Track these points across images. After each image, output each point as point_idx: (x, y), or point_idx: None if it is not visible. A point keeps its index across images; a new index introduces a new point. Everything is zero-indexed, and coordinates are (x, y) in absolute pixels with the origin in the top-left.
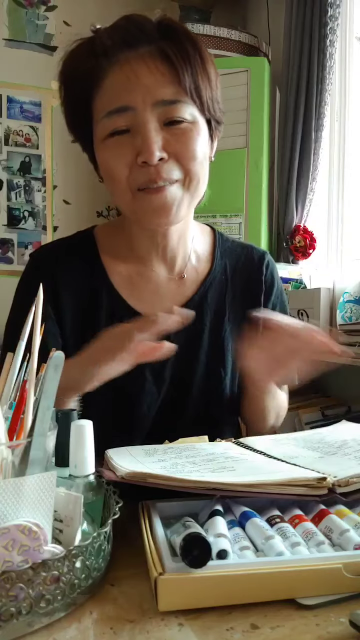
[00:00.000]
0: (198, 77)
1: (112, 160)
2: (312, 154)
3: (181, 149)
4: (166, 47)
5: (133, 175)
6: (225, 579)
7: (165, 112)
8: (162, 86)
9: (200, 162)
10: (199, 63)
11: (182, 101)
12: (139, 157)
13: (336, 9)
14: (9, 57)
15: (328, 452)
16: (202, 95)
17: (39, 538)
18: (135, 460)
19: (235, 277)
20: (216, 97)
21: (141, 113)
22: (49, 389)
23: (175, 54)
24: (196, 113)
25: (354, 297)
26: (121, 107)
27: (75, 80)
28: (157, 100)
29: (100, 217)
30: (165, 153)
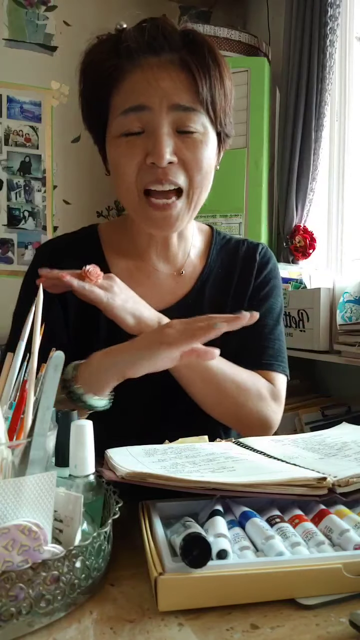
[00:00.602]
0: (215, 90)
1: (123, 159)
2: (312, 154)
3: (189, 158)
4: (188, 57)
5: (140, 175)
6: (225, 579)
7: (180, 118)
8: (180, 92)
9: (206, 173)
10: (217, 77)
11: (197, 110)
12: (149, 157)
13: (336, 9)
14: (9, 57)
15: (328, 453)
16: (216, 108)
17: (39, 538)
18: (135, 460)
19: (231, 267)
20: (229, 111)
21: (157, 114)
22: (49, 389)
23: (196, 65)
24: (208, 124)
25: (354, 297)
26: (138, 105)
27: (95, 76)
28: (173, 103)
29: (100, 217)
30: (175, 157)
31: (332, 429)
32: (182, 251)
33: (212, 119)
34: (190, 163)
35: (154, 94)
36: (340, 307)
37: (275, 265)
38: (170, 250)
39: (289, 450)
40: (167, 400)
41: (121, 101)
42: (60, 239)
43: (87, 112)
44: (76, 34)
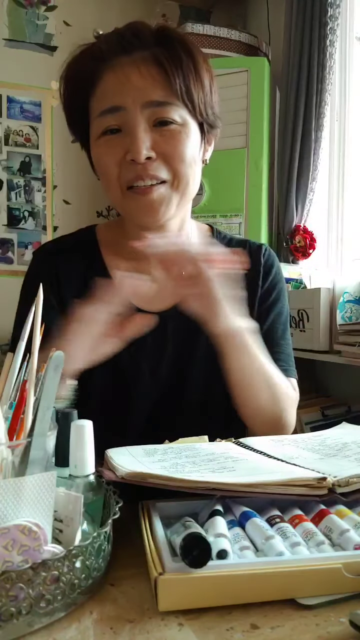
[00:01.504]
0: (190, 81)
1: (104, 158)
2: (312, 154)
3: (169, 150)
4: (159, 53)
5: (123, 173)
6: (225, 579)
7: (155, 113)
8: (152, 88)
9: (189, 164)
10: (191, 68)
11: (172, 103)
12: (128, 154)
13: (336, 9)
14: (9, 57)
15: (328, 454)
16: (193, 99)
17: (39, 538)
18: (135, 460)
19: None
20: (210, 101)
21: (131, 113)
22: (49, 389)
23: (168, 59)
24: (187, 116)
25: (354, 297)
26: (112, 107)
27: (74, 82)
28: (146, 101)
29: (100, 217)
30: (154, 152)
31: (332, 429)
32: None
33: (191, 109)
34: (170, 155)
35: (126, 94)
36: (340, 307)
37: (279, 267)
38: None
39: (289, 450)
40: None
41: (98, 104)
42: (57, 241)
43: (71, 119)
44: (76, 34)
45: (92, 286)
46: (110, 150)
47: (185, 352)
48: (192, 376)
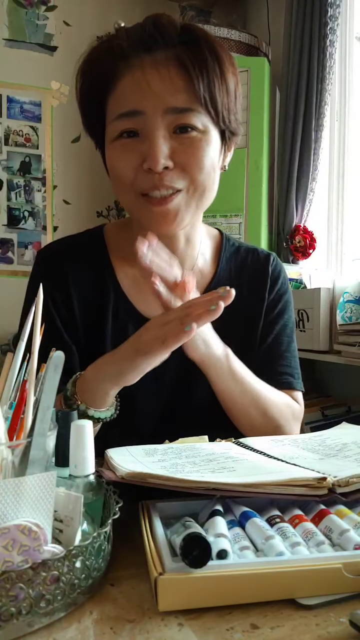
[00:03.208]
0: (214, 86)
1: (119, 163)
2: (312, 154)
3: (188, 160)
4: (183, 54)
5: (138, 180)
6: (225, 579)
7: (176, 119)
8: (174, 94)
9: (208, 173)
10: (216, 72)
11: (194, 110)
12: (145, 163)
13: (336, 9)
14: (9, 57)
15: (328, 454)
16: (217, 105)
17: (39, 538)
18: (135, 460)
19: (241, 278)
20: (233, 107)
21: (151, 118)
22: (49, 389)
23: (192, 61)
24: (208, 123)
25: (354, 297)
26: (131, 111)
27: (91, 79)
28: (167, 107)
29: (100, 217)
30: (172, 162)
31: (332, 429)
32: (190, 258)
33: (213, 117)
34: (189, 164)
35: (146, 98)
36: (340, 307)
37: (286, 278)
38: (177, 254)
39: (289, 451)
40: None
41: (116, 105)
42: (62, 242)
43: (85, 117)
44: (76, 34)
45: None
46: (126, 155)
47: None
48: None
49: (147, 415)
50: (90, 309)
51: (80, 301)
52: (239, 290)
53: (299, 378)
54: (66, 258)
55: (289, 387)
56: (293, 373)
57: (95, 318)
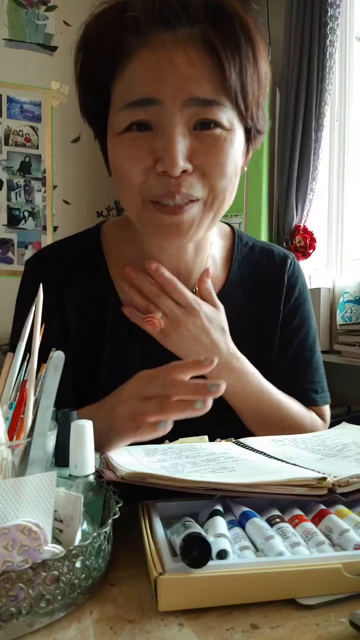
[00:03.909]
0: (246, 75)
1: (126, 162)
2: (312, 154)
3: (209, 163)
4: (212, 33)
5: (148, 184)
6: (225, 579)
7: (198, 112)
8: (200, 81)
9: (230, 179)
10: (250, 57)
11: (220, 103)
12: (159, 164)
13: (336, 9)
14: (9, 57)
15: (328, 454)
16: (247, 98)
17: (39, 538)
18: (136, 461)
19: (254, 286)
20: (262, 101)
21: (169, 110)
22: (49, 389)
23: (223, 42)
24: (235, 119)
25: (354, 297)
26: (145, 98)
27: (94, 55)
28: (190, 97)
29: (100, 217)
30: (190, 165)
31: (332, 429)
32: (199, 262)
33: (242, 111)
34: (210, 169)
35: (166, 84)
36: (340, 307)
37: (304, 283)
38: (185, 261)
39: (289, 451)
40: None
41: (124, 90)
42: (54, 248)
43: (85, 100)
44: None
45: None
46: (135, 152)
47: None
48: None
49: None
50: (86, 327)
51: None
52: (251, 299)
53: (322, 391)
54: (62, 272)
55: (313, 404)
56: (317, 388)
57: (94, 336)
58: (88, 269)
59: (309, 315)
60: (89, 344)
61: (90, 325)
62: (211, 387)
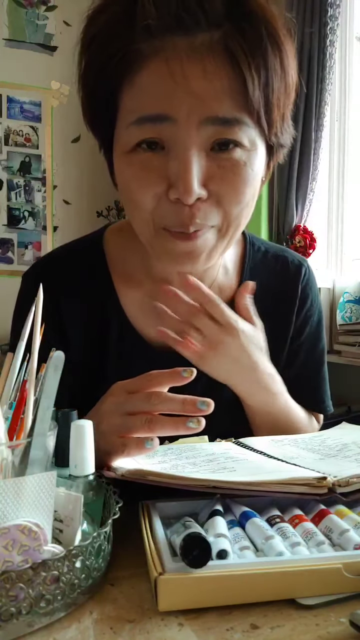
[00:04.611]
0: (272, 89)
1: (136, 187)
2: (312, 154)
3: (226, 191)
4: (234, 40)
5: (160, 211)
6: (225, 579)
7: (216, 132)
8: (218, 97)
9: (247, 204)
10: (277, 67)
11: (242, 122)
12: (172, 191)
13: (336, 9)
14: (9, 57)
15: (328, 454)
16: (272, 114)
17: (39, 538)
18: (135, 462)
19: (266, 295)
20: (288, 114)
21: (183, 129)
22: (49, 389)
23: (246, 52)
24: (257, 138)
25: (354, 297)
26: (157, 115)
27: (101, 59)
28: (208, 116)
29: (100, 217)
30: (205, 191)
31: (332, 429)
32: (209, 273)
33: (265, 129)
34: (226, 197)
35: (180, 100)
36: (340, 307)
37: (317, 293)
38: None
39: (289, 451)
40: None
41: (134, 104)
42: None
43: (88, 108)
44: (76, 34)
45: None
46: (146, 176)
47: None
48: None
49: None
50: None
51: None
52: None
53: (328, 400)
54: (59, 279)
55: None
56: (323, 399)
57: (97, 347)
58: (91, 280)
59: (320, 326)
60: (92, 355)
61: (94, 336)
62: (200, 405)
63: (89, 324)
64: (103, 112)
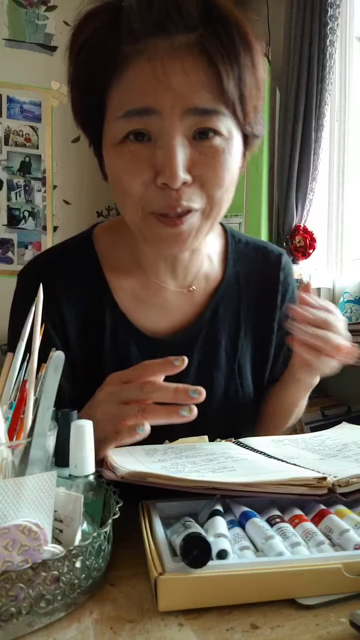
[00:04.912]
0: (245, 82)
1: (126, 176)
2: (312, 154)
3: (208, 175)
4: (209, 40)
5: (148, 197)
6: (225, 579)
7: (197, 122)
8: (198, 91)
9: (227, 188)
10: (249, 65)
11: (219, 112)
12: (159, 177)
13: (336, 9)
14: (9, 57)
15: (328, 454)
16: (246, 106)
17: (39, 538)
18: (136, 460)
19: (250, 284)
20: (259, 107)
21: (167, 120)
22: (49, 389)
23: (220, 50)
24: (233, 127)
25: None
26: (144, 108)
27: (91, 64)
28: (189, 107)
29: (100, 217)
30: (190, 176)
31: (332, 429)
32: (194, 263)
33: (240, 119)
34: (209, 180)
35: (164, 95)
36: (340, 307)
37: (294, 279)
38: (181, 263)
39: (289, 451)
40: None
41: (121, 99)
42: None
43: (79, 108)
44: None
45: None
46: (134, 166)
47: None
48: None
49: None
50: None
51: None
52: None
53: None
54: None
55: None
56: None
57: (93, 339)
58: (83, 274)
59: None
60: (91, 351)
61: (90, 329)
62: (192, 393)
63: (85, 315)
64: (93, 110)
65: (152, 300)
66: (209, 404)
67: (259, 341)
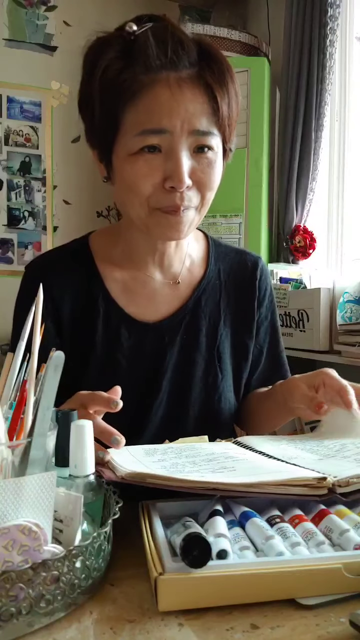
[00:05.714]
0: (232, 109)
1: (139, 179)
2: (312, 154)
3: (204, 179)
4: (207, 74)
5: (156, 197)
6: (225, 579)
7: (197, 140)
8: (200, 116)
9: (213, 191)
10: (234, 95)
11: (213, 133)
12: (167, 181)
13: (336, 9)
14: (9, 57)
15: (327, 454)
16: (231, 127)
17: (39, 538)
18: (136, 460)
19: (229, 281)
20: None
21: (177, 139)
22: (49, 389)
23: (215, 83)
24: (219, 143)
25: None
26: (159, 129)
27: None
28: (193, 129)
29: (100, 217)
30: (191, 181)
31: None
32: (179, 259)
33: (226, 137)
34: (204, 183)
35: (175, 118)
36: (340, 307)
37: (271, 282)
38: (167, 258)
39: (289, 451)
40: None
41: (138, 120)
42: (48, 255)
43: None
44: (76, 34)
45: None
46: (148, 171)
47: (184, 361)
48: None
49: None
50: (79, 320)
51: (69, 312)
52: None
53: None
54: (54, 271)
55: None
56: (286, 366)
57: (86, 324)
58: (78, 267)
59: (275, 309)
60: (82, 335)
61: (84, 321)
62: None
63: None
64: (105, 127)
65: (142, 291)
66: (190, 382)
67: (239, 332)
